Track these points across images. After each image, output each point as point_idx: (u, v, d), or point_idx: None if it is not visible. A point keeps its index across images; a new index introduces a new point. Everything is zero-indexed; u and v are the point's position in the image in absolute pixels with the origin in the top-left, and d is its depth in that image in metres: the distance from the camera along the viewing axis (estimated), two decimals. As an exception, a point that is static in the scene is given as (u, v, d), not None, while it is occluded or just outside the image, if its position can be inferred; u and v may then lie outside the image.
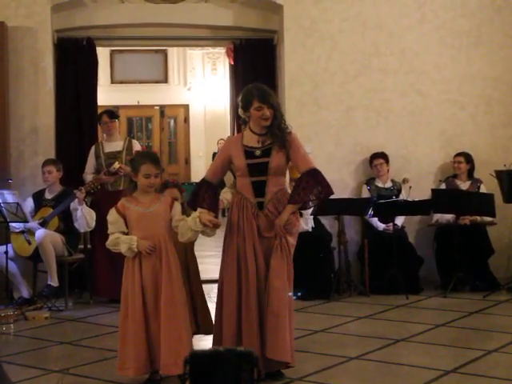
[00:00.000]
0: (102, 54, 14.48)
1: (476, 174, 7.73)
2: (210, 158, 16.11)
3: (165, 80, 17.18)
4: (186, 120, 17.47)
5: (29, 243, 6.76)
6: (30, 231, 6.76)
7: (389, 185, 7.68)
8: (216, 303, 4.46)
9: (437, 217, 7.57)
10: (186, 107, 17.42)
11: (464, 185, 7.65)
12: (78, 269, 7.16)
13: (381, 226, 7.47)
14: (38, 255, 6.68)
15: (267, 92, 4.38)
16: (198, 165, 17.41)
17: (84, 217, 6.75)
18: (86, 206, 6.90)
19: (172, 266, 4.26)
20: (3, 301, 6.71)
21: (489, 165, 7.58)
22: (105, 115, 7.33)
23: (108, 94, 14.69)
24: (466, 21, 8.04)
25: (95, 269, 7.08)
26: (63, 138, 7.70)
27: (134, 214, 4.28)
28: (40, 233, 6.64)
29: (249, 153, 4.38)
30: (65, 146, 7.68)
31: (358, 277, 7.48)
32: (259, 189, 4.36)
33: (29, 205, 6.96)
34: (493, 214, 7.07)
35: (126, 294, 4.27)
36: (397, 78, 7.95)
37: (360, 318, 6.15)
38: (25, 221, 6.66)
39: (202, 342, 5.02)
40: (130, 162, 4.48)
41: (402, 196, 7.55)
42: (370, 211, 7.24)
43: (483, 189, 7.59)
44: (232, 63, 8.51)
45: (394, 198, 7.46)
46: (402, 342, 5.27)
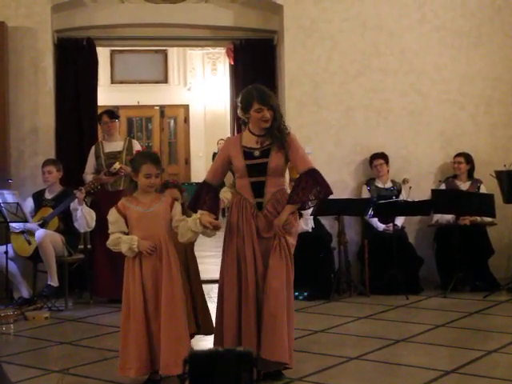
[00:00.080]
0: (102, 54, 14.48)
1: (476, 175, 7.73)
2: (209, 158, 16.10)
3: (165, 80, 17.18)
4: (186, 120, 17.47)
5: (29, 243, 6.76)
6: (30, 231, 6.77)
7: (389, 185, 7.68)
8: (217, 304, 4.46)
9: (437, 217, 7.57)
10: (185, 107, 17.42)
11: (464, 185, 7.64)
12: (77, 269, 7.16)
13: (381, 226, 7.46)
14: (38, 255, 6.68)
15: (267, 93, 4.37)
16: (197, 165, 17.41)
17: (84, 217, 6.75)
18: (86, 206, 6.90)
19: (172, 265, 4.26)
20: (3, 301, 6.72)
21: (489, 165, 7.58)
22: (105, 115, 7.33)
23: (108, 94, 14.69)
24: (466, 21, 8.03)
25: (95, 269, 7.08)
26: (63, 138, 7.69)
27: (134, 214, 4.28)
28: (40, 233, 6.64)
29: (248, 153, 4.37)
30: (65, 146, 7.68)
31: (358, 277, 7.48)
32: (258, 189, 4.36)
33: (29, 205, 6.96)
34: (493, 215, 7.07)
35: (128, 294, 4.27)
36: (397, 78, 7.95)
37: (360, 319, 6.15)
38: (25, 221, 6.66)
39: (202, 342, 5.02)
40: (131, 161, 4.47)
41: (402, 196, 7.55)
42: (370, 211, 7.24)
43: (483, 189, 7.58)
44: (232, 63, 8.51)
45: (394, 199, 7.45)
46: (401, 342, 5.27)
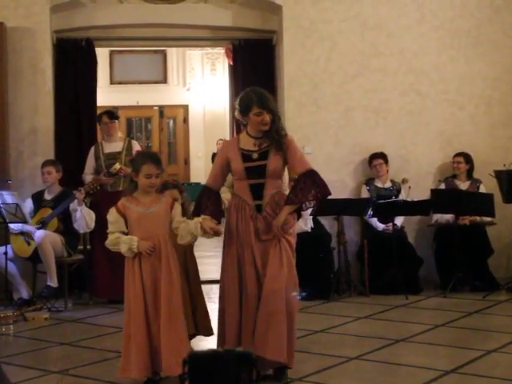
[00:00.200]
0: (102, 54, 14.46)
1: (475, 174, 7.73)
2: (209, 158, 16.09)
3: (164, 80, 17.17)
4: (186, 120, 17.46)
5: (28, 244, 6.76)
6: (28, 233, 6.76)
7: (388, 185, 7.68)
8: (218, 305, 4.45)
9: (436, 217, 7.57)
10: (185, 107, 17.41)
11: (463, 185, 7.64)
12: (77, 269, 7.16)
13: (380, 226, 7.46)
14: (38, 256, 6.67)
15: (266, 97, 4.36)
16: (197, 165, 17.41)
17: (83, 217, 6.74)
18: (86, 206, 6.90)
19: (171, 266, 4.26)
20: (3, 302, 6.73)
21: (488, 165, 7.57)
22: (105, 116, 7.32)
23: (107, 95, 14.68)
24: (465, 21, 8.03)
25: (94, 269, 7.08)
26: (62, 138, 7.69)
27: (134, 214, 4.27)
28: (39, 233, 6.64)
29: (246, 156, 4.37)
30: (64, 147, 7.67)
31: (357, 277, 7.48)
32: (257, 191, 4.35)
33: (28, 205, 6.95)
34: (492, 214, 7.07)
35: (129, 296, 4.26)
36: (396, 78, 7.95)
37: (360, 319, 6.15)
38: (24, 221, 6.66)
39: (202, 343, 5.02)
40: (131, 161, 4.46)
41: (402, 196, 7.55)
42: (370, 211, 7.24)
43: (482, 189, 7.58)
44: (231, 63, 8.51)
45: (394, 199, 7.45)
46: (401, 342, 5.27)
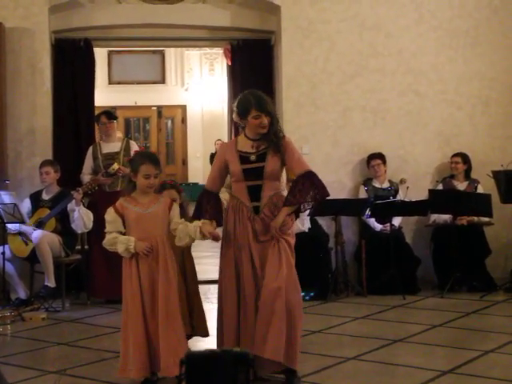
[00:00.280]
0: (100, 54, 14.47)
1: (473, 175, 7.73)
2: (207, 158, 16.09)
3: (162, 81, 17.18)
4: (184, 121, 17.47)
5: (26, 244, 6.76)
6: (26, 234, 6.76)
7: (386, 185, 7.68)
8: (217, 307, 4.43)
9: (434, 217, 7.57)
10: (183, 108, 17.42)
11: (461, 185, 7.65)
12: (75, 270, 7.16)
13: (378, 226, 7.47)
14: (35, 256, 6.67)
15: (265, 100, 4.36)
16: (195, 165, 17.42)
17: (81, 218, 6.74)
18: (84, 207, 6.89)
19: (169, 267, 4.25)
20: (0, 302, 6.73)
21: (486, 165, 7.58)
22: (103, 116, 7.32)
23: (105, 95, 14.69)
24: (464, 21, 8.04)
25: (92, 270, 7.07)
26: (60, 138, 7.69)
27: (132, 215, 4.26)
28: (37, 234, 6.63)
29: (244, 158, 4.36)
30: (62, 147, 7.67)
31: (355, 277, 7.48)
32: (255, 193, 4.34)
33: (26, 206, 6.95)
34: (490, 215, 7.08)
35: (126, 296, 4.26)
36: (394, 79, 7.95)
37: (357, 319, 6.15)
38: (22, 222, 6.66)
39: (199, 343, 5.02)
40: (130, 162, 4.46)
41: (400, 196, 7.55)
42: (368, 212, 7.24)
43: (480, 189, 7.58)
44: (229, 64, 8.50)
45: (392, 199, 7.45)
46: (399, 342, 5.28)
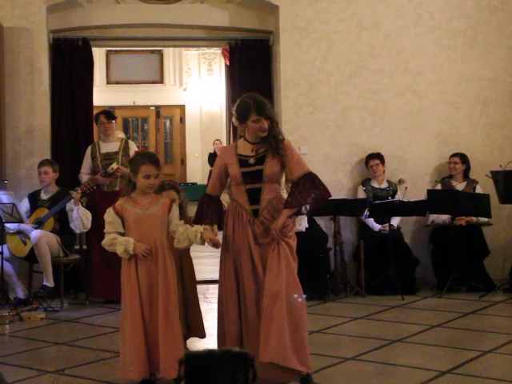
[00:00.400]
0: (98, 54, 14.51)
1: (472, 175, 7.74)
2: (205, 158, 16.11)
3: (160, 80, 17.18)
4: (182, 120, 17.47)
5: (24, 244, 6.75)
6: (25, 232, 6.75)
7: (384, 185, 7.68)
8: (217, 313, 4.40)
9: (432, 217, 7.57)
10: (181, 108, 17.42)
11: (460, 185, 7.65)
12: (73, 269, 7.16)
13: (377, 226, 7.47)
14: (34, 256, 6.66)
15: (264, 103, 4.35)
16: (193, 165, 17.42)
17: (80, 217, 6.73)
18: (82, 206, 6.89)
19: (168, 269, 4.24)
20: (-2, 301, 6.72)
21: (485, 165, 7.59)
22: (102, 116, 7.32)
23: (104, 95, 14.70)
24: (462, 22, 8.04)
25: (91, 270, 7.07)
26: (59, 138, 7.69)
27: (131, 216, 4.25)
28: (35, 233, 6.63)
29: (243, 161, 4.35)
30: (60, 147, 7.67)
31: (353, 277, 7.49)
32: (254, 196, 4.32)
33: (24, 205, 6.94)
34: (488, 215, 7.08)
35: (125, 297, 4.25)
36: (393, 79, 7.96)
37: (356, 319, 6.15)
38: (20, 221, 6.65)
39: (197, 343, 5.01)
40: (130, 162, 4.46)
41: (398, 197, 7.55)
42: (366, 212, 7.24)
43: (479, 189, 7.59)
44: (228, 64, 8.51)
45: (390, 199, 7.46)
46: (397, 342, 5.28)
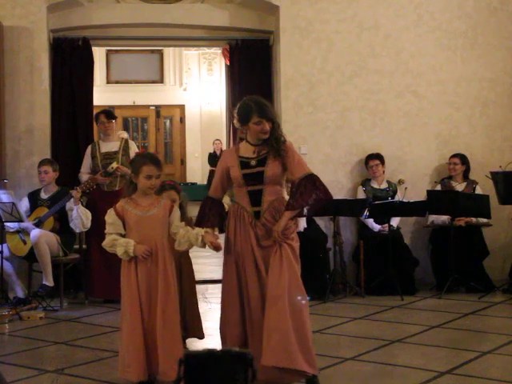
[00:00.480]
0: (98, 53, 14.52)
1: (472, 176, 7.74)
2: (205, 158, 16.12)
3: (161, 80, 17.19)
4: (182, 120, 17.48)
5: (24, 243, 6.75)
6: (25, 231, 6.75)
7: (384, 186, 7.68)
8: (220, 315, 4.39)
9: (432, 218, 7.57)
10: (181, 107, 17.43)
11: (459, 186, 7.65)
12: (73, 269, 7.16)
13: (376, 227, 7.47)
14: (34, 255, 6.66)
15: (266, 105, 4.35)
16: (193, 165, 17.43)
17: (79, 217, 6.73)
18: (82, 206, 6.88)
19: (168, 271, 4.23)
20: (-2, 301, 6.72)
21: (484, 166, 7.59)
22: (102, 115, 7.31)
23: (104, 94, 14.70)
24: (462, 22, 8.04)
25: (90, 269, 7.07)
26: (59, 137, 7.68)
27: (132, 218, 4.23)
28: (35, 232, 6.63)
29: (244, 163, 4.34)
30: (60, 146, 7.67)
31: (353, 278, 7.49)
32: (256, 198, 4.31)
33: (24, 204, 6.94)
34: (488, 216, 7.09)
35: (125, 298, 4.24)
36: (393, 80, 7.95)
37: (355, 319, 6.15)
38: (20, 221, 6.65)
39: (197, 343, 5.01)
40: (131, 163, 4.44)
41: (398, 197, 7.55)
42: (366, 212, 7.24)
43: (479, 190, 7.59)
44: (228, 64, 8.51)
45: (390, 199, 7.46)
46: (397, 342, 5.28)
